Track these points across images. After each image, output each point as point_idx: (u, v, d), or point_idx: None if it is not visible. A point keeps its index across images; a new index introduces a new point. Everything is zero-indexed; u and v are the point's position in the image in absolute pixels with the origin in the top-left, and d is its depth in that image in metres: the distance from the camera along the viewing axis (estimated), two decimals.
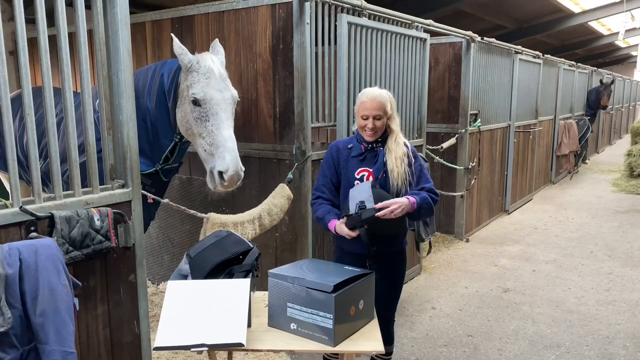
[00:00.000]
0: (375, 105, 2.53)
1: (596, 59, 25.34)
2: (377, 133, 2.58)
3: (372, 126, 2.54)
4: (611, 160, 13.34)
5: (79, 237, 1.95)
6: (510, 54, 7.25)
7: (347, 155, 2.65)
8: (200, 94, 2.68)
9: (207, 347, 1.88)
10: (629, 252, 5.90)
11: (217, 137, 2.66)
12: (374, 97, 2.55)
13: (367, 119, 2.55)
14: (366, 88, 2.68)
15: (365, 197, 2.39)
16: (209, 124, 2.69)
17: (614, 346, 3.71)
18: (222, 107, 2.73)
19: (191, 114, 2.73)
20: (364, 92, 2.60)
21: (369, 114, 2.53)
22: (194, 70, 2.72)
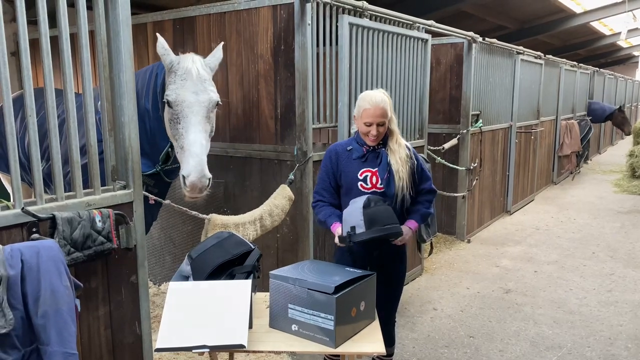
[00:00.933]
0: (378, 113, 2.53)
1: (598, 59, 25.29)
2: (380, 138, 2.61)
3: (376, 133, 2.55)
4: (613, 160, 13.32)
5: (81, 239, 1.95)
6: (511, 54, 7.25)
7: (347, 157, 2.66)
8: (172, 95, 2.66)
9: (208, 348, 1.88)
10: (631, 252, 5.89)
11: (185, 141, 2.62)
12: (377, 103, 2.54)
13: (370, 126, 2.55)
14: (366, 92, 2.67)
15: (356, 221, 2.40)
16: (179, 126, 2.66)
17: (616, 347, 3.70)
18: (194, 109, 2.67)
19: (167, 116, 2.73)
20: (365, 98, 2.58)
21: (373, 121, 2.53)
22: (173, 72, 2.71)
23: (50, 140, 1.98)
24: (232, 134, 3.83)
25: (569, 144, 10.30)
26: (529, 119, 8.28)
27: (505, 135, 7.33)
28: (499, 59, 6.83)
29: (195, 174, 2.54)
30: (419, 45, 4.56)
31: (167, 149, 3.00)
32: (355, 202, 2.48)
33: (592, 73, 12.80)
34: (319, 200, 2.72)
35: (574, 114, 11.03)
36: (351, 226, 2.40)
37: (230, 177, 3.91)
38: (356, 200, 2.50)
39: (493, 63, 6.63)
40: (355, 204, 2.46)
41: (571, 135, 10.34)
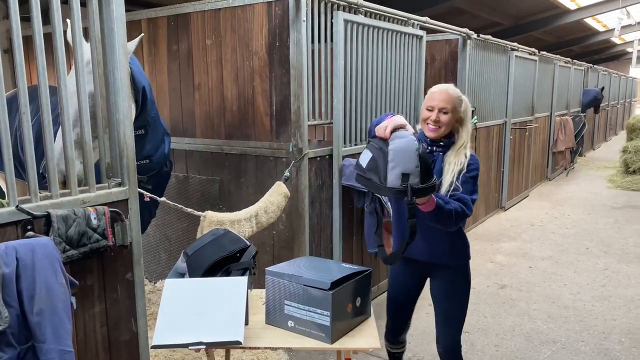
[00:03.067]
0: (443, 97, 2.32)
1: (592, 55, 25.40)
2: (441, 130, 2.33)
3: (436, 118, 2.31)
4: (607, 156, 13.39)
5: (76, 236, 1.95)
6: (506, 50, 7.26)
7: None
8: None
9: (204, 345, 1.89)
10: (624, 248, 5.93)
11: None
12: (445, 89, 2.37)
13: (432, 111, 2.33)
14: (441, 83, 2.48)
15: (411, 167, 1.94)
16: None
17: (609, 341, 3.73)
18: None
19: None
20: (436, 85, 2.44)
21: (435, 105, 2.32)
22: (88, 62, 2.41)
23: (45, 138, 1.97)
24: (228, 131, 3.83)
25: (563, 140, 10.34)
26: (524, 115, 8.30)
27: (499, 132, 7.36)
28: (494, 55, 6.85)
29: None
30: (414, 41, 4.56)
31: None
32: (402, 138, 2.00)
33: (586, 69, 12.85)
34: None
35: (568, 110, 11.08)
36: (404, 173, 1.94)
37: (225, 174, 3.90)
38: (402, 134, 2.02)
39: (487, 59, 6.64)
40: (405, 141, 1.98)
41: (565, 132, 10.39)
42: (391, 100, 4.35)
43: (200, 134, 3.99)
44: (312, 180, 3.64)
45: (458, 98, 2.36)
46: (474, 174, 2.35)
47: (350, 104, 3.84)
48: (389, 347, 2.83)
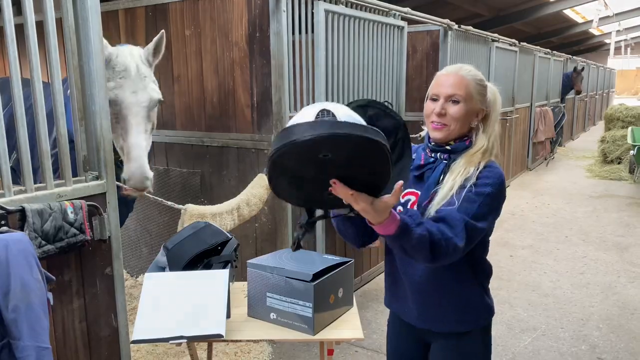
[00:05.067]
0: (452, 81, 1.65)
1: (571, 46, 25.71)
2: (450, 128, 1.65)
3: (441, 110, 1.63)
4: (586, 146, 13.60)
5: (52, 231, 1.91)
6: (487, 42, 7.30)
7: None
8: (110, 95, 2.47)
9: (185, 339, 1.87)
10: (602, 236, 6.04)
11: (125, 143, 2.53)
12: (456, 70, 1.68)
13: (436, 100, 1.66)
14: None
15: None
16: (118, 126, 2.54)
17: (587, 328, 3.81)
18: (133, 110, 2.53)
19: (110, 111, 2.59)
20: (446, 67, 1.75)
21: (440, 93, 1.65)
22: (111, 67, 2.53)
23: (18, 131, 1.92)
24: (208, 123, 3.79)
25: (543, 131, 10.48)
26: (504, 106, 8.37)
27: None
28: (475, 46, 6.88)
29: (134, 180, 2.48)
30: (395, 32, 4.56)
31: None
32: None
33: (565, 60, 13.01)
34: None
35: (548, 101, 11.21)
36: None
37: (206, 166, 3.86)
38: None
39: (469, 50, 6.67)
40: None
41: (545, 122, 10.52)
42: (373, 91, 4.34)
43: (180, 126, 3.94)
44: None
45: (476, 82, 1.67)
46: (486, 191, 1.57)
47: (332, 95, 3.82)
48: None
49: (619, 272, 4.92)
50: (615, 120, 11.71)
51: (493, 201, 1.59)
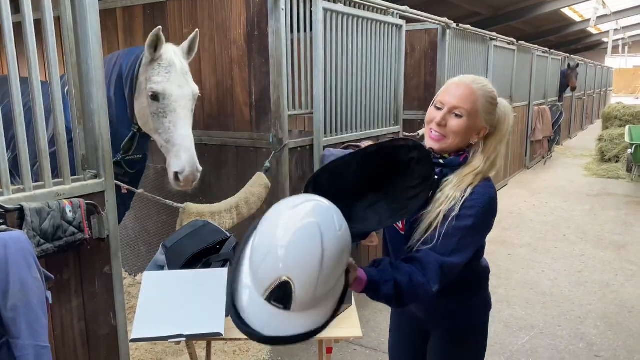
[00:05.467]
0: (462, 92, 1.58)
1: (569, 45, 25.75)
2: (448, 141, 1.60)
3: (441, 120, 1.58)
4: (583, 145, 13.63)
5: (51, 229, 1.90)
6: (485, 40, 7.31)
7: None
8: (159, 88, 2.55)
9: (184, 337, 1.87)
10: (599, 234, 6.06)
11: (174, 135, 2.56)
12: (469, 82, 1.61)
13: (441, 109, 1.61)
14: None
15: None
16: (166, 120, 2.57)
17: (585, 326, 3.82)
18: (181, 103, 2.60)
19: (148, 109, 2.62)
20: (461, 76, 1.68)
21: (445, 102, 1.60)
22: (157, 63, 2.59)
23: (16, 129, 1.92)
24: (207, 122, 3.78)
25: (541, 129, 10.49)
26: None
27: None
28: (473, 45, 6.88)
29: (189, 168, 2.53)
30: (394, 31, 4.56)
31: (129, 137, 2.87)
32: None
33: (563, 59, 13.02)
34: None
35: (546, 100, 11.23)
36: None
37: (205, 165, 3.82)
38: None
39: (467, 49, 6.67)
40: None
41: (543, 121, 10.53)
42: (371, 90, 4.35)
43: None
44: (293, 170, 3.62)
45: (486, 97, 1.61)
46: (467, 224, 1.52)
47: (331, 94, 3.82)
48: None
49: (616, 270, 4.93)
50: (613, 119, 11.74)
51: (475, 231, 1.56)
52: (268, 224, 1.23)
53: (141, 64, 2.67)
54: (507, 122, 1.66)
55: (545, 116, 10.61)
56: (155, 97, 2.56)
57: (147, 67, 2.63)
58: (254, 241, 1.25)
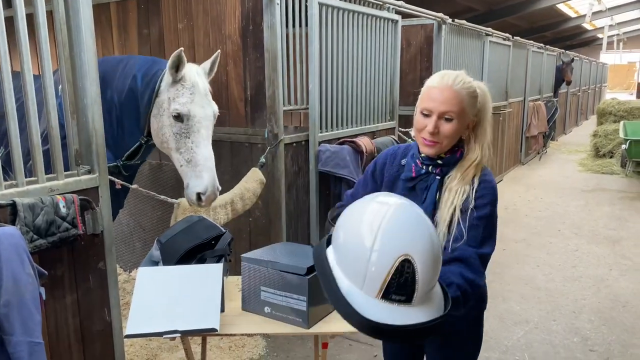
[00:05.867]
0: (446, 96, 1.59)
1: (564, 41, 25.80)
2: (442, 145, 1.63)
3: (433, 129, 1.60)
4: (578, 140, 13.67)
5: (44, 225, 1.89)
6: (480, 36, 7.30)
7: (395, 173, 1.79)
8: (183, 109, 2.56)
9: (180, 333, 1.86)
10: (594, 229, 6.08)
11: (197, 156, 2.58)
12: (450, 83, 1.60)
13: (429, 116, 1.62)
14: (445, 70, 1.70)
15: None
16: (189, 140, 2.59)
17: (580, 320, 3.84)
18: (204, 124, 2.63)
19: (170, 128, 2.62)
20: (438, 74, 1.66)
21: (433, 109, 1.61)
22: (180, 84, 2.59)
23: (8, 125, 1.90)
24: None
25: (536, 125, 10.51)
26: (498, 100, 8.39)
27: None
28: (468, 40, 6.88)
29: (211, 189, 2.57)
30: (389, 26, 4.54)
31: (135, 147, 2.87)
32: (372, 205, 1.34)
33: (558, 55, 13.04)
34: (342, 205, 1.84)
35: (541, 95, 11.25)
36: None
37: None
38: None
39: (462, 45, 6.67)
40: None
41: (538, 116, 10.55)
42: (366, 85, 4.34)
43: None
44: (289, 166, 3.61)
45: (469, 93, 1.62)
46: (486, 213, 1.61)
47: (326, 89, 3.81)
48: None
49: (610, 265, 4.96)
50: (608, 115, 11.77)
51: (494, 218, 1.64)
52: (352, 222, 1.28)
53: (161, 81, 2.65)
54: (488, 104, 1.69)
55: (540, 112, 10.63)
56: (179, 118, 2.58)
57: (169, 87, 2.61)
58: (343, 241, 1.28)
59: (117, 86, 2.77)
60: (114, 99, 2.78)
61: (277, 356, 3.33)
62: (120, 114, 2.81)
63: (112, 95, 2.77)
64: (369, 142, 4.05)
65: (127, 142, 2.88)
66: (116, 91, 2.77)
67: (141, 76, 2.71)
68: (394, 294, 1.19)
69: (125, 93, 2.75)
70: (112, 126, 2.83)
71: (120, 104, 2.78)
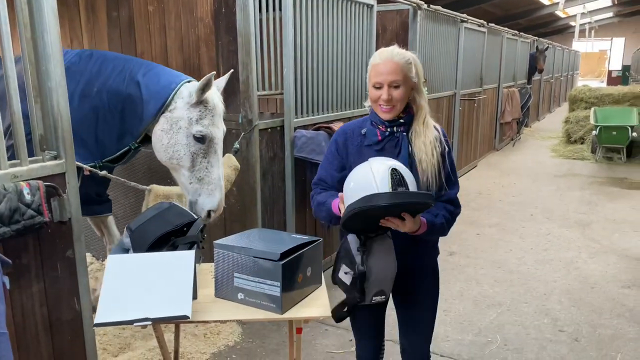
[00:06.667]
0: (390, 68, 1.95)
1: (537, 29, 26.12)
2: (397, 108, 1.99)
3: (388, 97, 1.95)
4: (551, 127, 13.92)
5: (7, 212, 1.83)
6: (456, 22, 7.33)
7: (359, 143, 2.08)
8: (207, 132, 2.58)
9: (150, 321, 1.83)
10: (565, 214, 6.22)
11: (211, 175, 2.63)
12: (390, 57, 1.97)
13: (380, 88, 1.97)
14: (382, 48, 2.05)
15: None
16: (205, 160, 2.62)
17: (550, 302, 3.93)
18: (219, 144, 2.67)
19: (187, 148, 2.60)
20: (377, 53, 2.02)
21: (383, 81, 1.95)
22: (203, 105, 2.58)
23: None
24: None
25: (510, 112, 10.65)
26: (473, 87, 8.46)
27: (449, 103, 7.48)
28: (444, 26, 6.89)
29: (221, 207, 2.68)
30: (365, 11, 4.51)
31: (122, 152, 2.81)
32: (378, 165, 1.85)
33: (532, 42, 13.20)
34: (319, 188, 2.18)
35: (515, 82, 11.38)
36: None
37: None
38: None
39: (438, 31, 6.68)
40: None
41: (512, 103, 10.69)
42: (342, 70, 4.31)
43: None
44: (264, 152, 3.58)
45: (406, 63, 1.98)
46: (451, 153, 2.08)
47: (301, 74, 3.77)
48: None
49: (580, 248, 5.08)
50: (579, 102, 11.96)
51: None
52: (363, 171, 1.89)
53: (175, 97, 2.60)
54: (419, 68, 2.03)
55: (514, 98, 10.76)
56: (202, 140, 2.59)
57: (190, 107, 2.58)
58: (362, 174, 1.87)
59: (109, 88, 2.67)
60: (103, 99, 2.68)
61: (252, 342, 3.33)
62: (109, 115, 2.71)
63: (101, 93, 2.68)
64: None
65: (111, 146, 2.79)
66: (107, 92, 2.67)
67: (145, 85, 2.62)
68: (397, 187, 1.78)
69: (122, 99, 2.66)
70: (97, 124, 2.74)
71: (111, 104, 2.68)
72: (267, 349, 3.26)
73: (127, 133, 2.75)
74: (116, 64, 2.73)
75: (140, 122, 2.67)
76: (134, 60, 2.79)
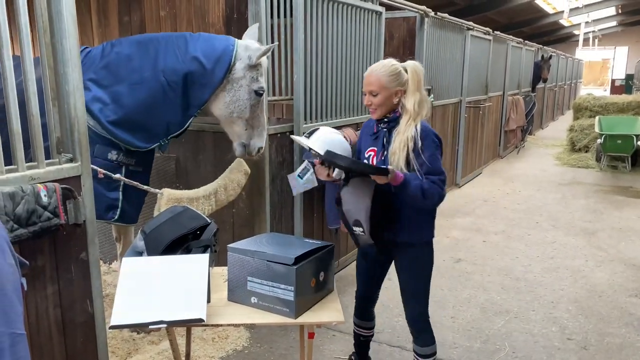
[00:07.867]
0: (369, 80, 2.41)
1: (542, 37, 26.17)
2: (379, 110, 2.43)
3: (367, 102, 2.44)
4: (555, 135, 13.91)
5: (25, 214, 1.84)
6: (462, 30, 7.36)
7: (367, 132, 2.60)
8: (264, 87, 3.01)
9: (166, 324, 1.84)
10: (570, 222, 6.21)
11: (260, 120, 3.08)
12: (373, 70, 2.43)
13: (365, 94, 2.47)
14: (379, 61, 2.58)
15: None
16: (258, 109, 3.04)
17: (557, 310, 3.92)
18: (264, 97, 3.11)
19: (249, 102, 2.97)
20: (370, 67, 2.52)
21: (365, 90, 2.45)
22: (259, 65, 2.96)
23: None
24: None
25: (514, 119, 10.66)
26: (478, 94, 8.48)
27: (455, 110, 7.49)
28: (450, 34, 6.92)
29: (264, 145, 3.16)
30: (373, 17, 4.54)
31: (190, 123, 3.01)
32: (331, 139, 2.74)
33: (536, 50, 13.22)
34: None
35: (520, 90, 11.40)
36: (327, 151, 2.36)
37: (182, 151, 3.80)
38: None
39: (444, 38, 6.71)
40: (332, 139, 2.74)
41: (517, 111, 10.70)
42: (350, 77, 4.33)
43: None
44: (273, 157, 3.60)
45: (387, 74, 2.38)
46: (432, 149, 2.33)
47: (311, 80, 3.79)
48: (359, 329, 2.91)
49: (586, 256, 5.07)
50: (584, 110, 11.97)
51: (438, 151, 2.38)
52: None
53: (235, 60, 2.88)
54: (415, 75, 2.41)
55: (518, 106, 10.78)
56: (260, 94, 3.00)
57: (250, 68, 2.92)
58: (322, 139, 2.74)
59: (165, 66, 2.81)
60: (159, 79, 2.81)
61: (260, 347, 3.33)
62: (172, 94, 2.85)
63: (157, 76, 2.81)
64: (353, 133, 4.04)
65: (176, 119, 2.96)
66: (163, 71, 2.81)
67: (205, 56, 2.83)
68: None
69: (180, 74, 2.82)
70: (158, 106, 2.86)
71: (171, 84, 2.82)
72: (275, 353, 3.26)
73: (191, 105, 2.94)
74: (157, 46, 2.86)
75: (207, 91, 2.91)
76: (172, 37, 2.91)
